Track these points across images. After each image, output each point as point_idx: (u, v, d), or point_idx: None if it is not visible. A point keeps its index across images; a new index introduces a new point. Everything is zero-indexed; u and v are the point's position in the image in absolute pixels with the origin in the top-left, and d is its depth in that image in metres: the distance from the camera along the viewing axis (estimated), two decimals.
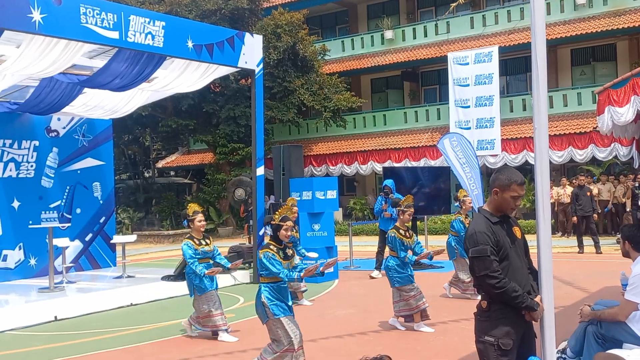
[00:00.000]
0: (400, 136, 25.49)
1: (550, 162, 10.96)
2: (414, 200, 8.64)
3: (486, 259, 3.71)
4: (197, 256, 7.77)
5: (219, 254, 8.12)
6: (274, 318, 5.82)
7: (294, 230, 10.01)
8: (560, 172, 22.98)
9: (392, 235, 8.09)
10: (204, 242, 7.92)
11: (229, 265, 8.07)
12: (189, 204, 8.36)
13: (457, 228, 10.05)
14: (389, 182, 12.91)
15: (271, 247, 5.92)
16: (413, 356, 6.72)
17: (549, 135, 5.35)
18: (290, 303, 5.97)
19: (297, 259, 9.50)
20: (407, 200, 8.30)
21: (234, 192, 15.20)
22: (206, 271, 7.65)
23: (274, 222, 5.98)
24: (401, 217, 8.16)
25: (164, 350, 7.41)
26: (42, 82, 11.45)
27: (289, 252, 6.06)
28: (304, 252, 9.64)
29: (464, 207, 10.24)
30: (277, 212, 6.11)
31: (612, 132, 9.62)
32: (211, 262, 7.98)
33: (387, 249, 12.72)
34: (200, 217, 7.93)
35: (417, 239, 8.31)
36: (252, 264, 12.68)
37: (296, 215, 10.14)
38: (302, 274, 5.85)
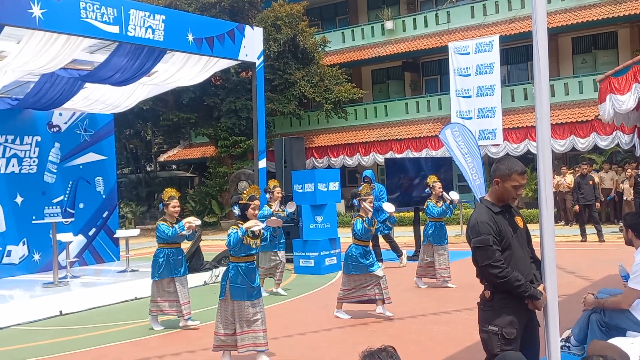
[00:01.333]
0: (402, 127, 25.47)
1: (552, 151, 10.96)
2: (373, 189, 9.02)
3: (488, 248, 3.73)
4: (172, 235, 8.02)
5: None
6: (229, 299, 6.08)
7: (281, 209, 10.28)
8: (562, 161, 22.95)
9: (359, 222, 8.17)
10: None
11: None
12: (165, 189, 8.49)
13: (429, 210, 10.42)
14: (368, 173, 12.91)
15: (239, 224, 6.11)
16: (417, 346, 6.74)
17: (551, 124, 5.35)
18: (255, 284, 6.15)
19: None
20: (365, 189, 8.47)
21: (237, 184, 15.23)
22: (183, 230, 7.83)
23: (241, 202, 6.17)
24: (362, 206, 8.30)
25: (169, 343, 7.44)
26: (42, 78, 11.44)
27: (257, 231, 6.22)
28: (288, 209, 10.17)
29: (433, 193, 10.55)
30: (244, 192, 6.27)
31: (613, 120, 9.62)
32: (181, 247, 8.28)
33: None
34: (175, 202, 8.08)
35: (380, 224, 8.45)
36: None
37: (280, 196, 10.53)
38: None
